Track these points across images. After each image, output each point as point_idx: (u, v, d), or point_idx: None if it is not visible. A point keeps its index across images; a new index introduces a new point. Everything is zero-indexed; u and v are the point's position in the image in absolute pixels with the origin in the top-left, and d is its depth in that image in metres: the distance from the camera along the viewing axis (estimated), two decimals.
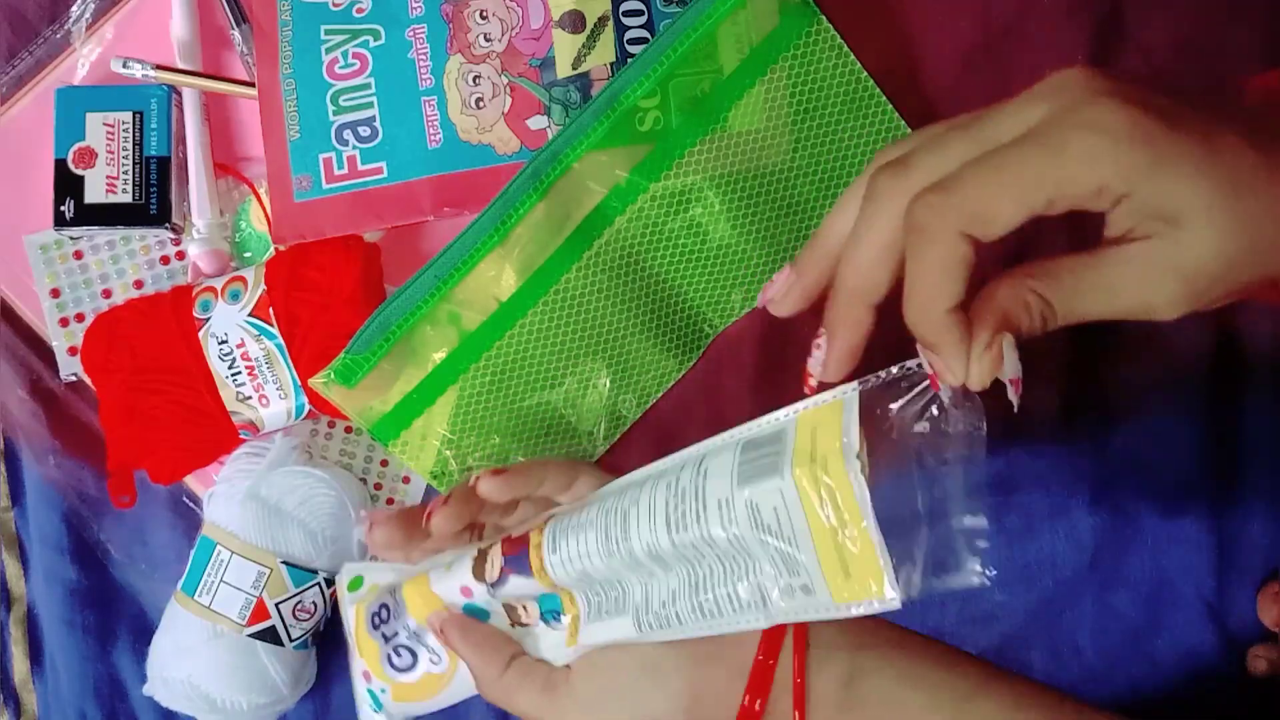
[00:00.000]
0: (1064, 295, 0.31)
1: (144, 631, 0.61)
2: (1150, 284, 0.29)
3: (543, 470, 0.42)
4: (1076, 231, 0.56)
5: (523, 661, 0.40)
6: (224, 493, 0.56)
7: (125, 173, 0.57)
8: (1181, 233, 0.28)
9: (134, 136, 0.58)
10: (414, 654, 0.43)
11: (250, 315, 0.55)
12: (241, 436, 0.57)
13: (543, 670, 0.40)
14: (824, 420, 0.33)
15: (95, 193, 0.57)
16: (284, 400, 0.55)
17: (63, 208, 0.57)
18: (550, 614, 0.40)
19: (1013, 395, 0.33)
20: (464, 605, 0.41)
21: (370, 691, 0.44)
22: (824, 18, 0.53)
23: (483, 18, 0.56)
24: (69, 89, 0.59)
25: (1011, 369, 0.32)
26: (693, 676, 0.36)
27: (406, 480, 0.60)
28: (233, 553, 0.55)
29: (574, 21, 0.55)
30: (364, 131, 0.56)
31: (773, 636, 0.35)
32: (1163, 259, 0.29)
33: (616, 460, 0.58)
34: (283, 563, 0.55)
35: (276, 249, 0.57)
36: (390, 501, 0.60)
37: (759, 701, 0.35)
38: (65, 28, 0.60)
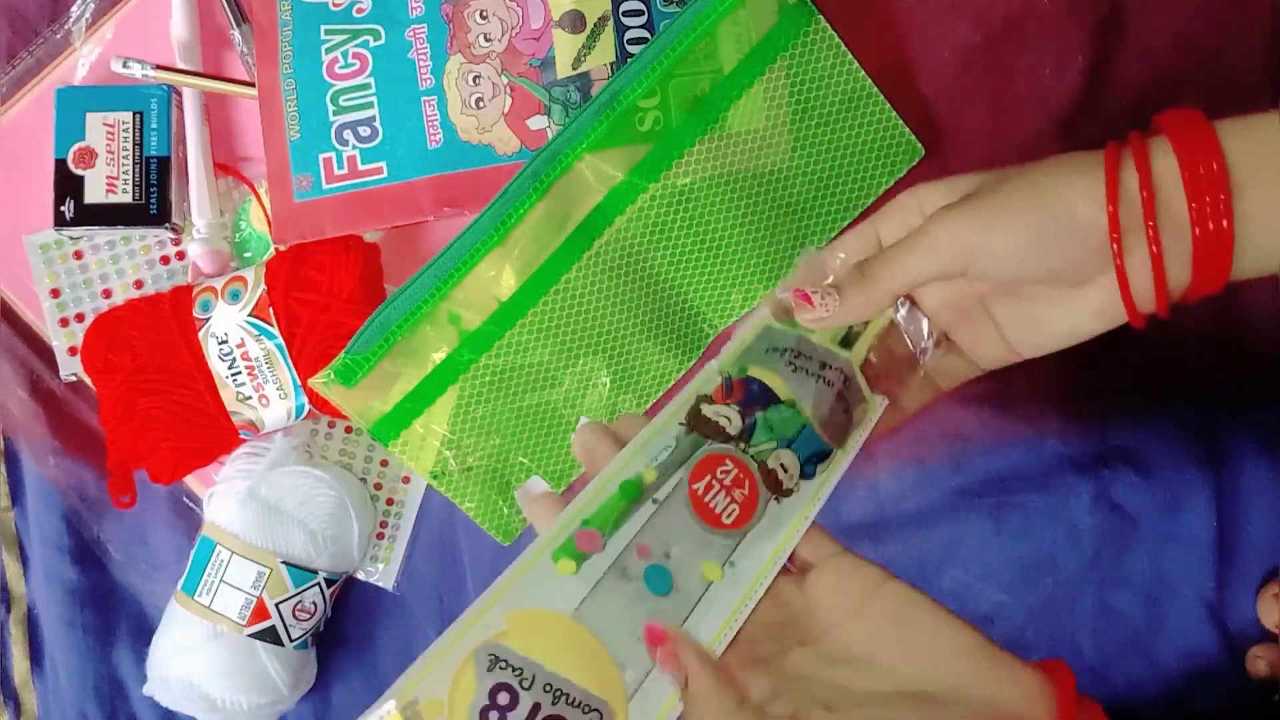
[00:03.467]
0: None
1: (144, 631, 0.61)
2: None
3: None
4: None
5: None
6: (224, 493, 0.56)
7: (125, 173, 0.57)
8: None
9: (134, 136, 0.58)
10: None
11: (250, 315, 0.55)
12: (241, 436, 0.57)
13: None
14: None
15: (95, 193, 0.57)
16: (284, 400, 0.55)
17: (63, 208, 0.57)
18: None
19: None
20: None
21: None
22: (821, 17, 0.53)
23: (483, 18, 0.56)
24: (69, 89, 0.59)
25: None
26: None
27: (406, 480, 0.60)
28: (233, 553, 0.55)
29: (574, 21, 0.55)
30: (364, 131, 0.56)
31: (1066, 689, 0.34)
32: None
33: None
34: (283, 563, 0.55)
35: (276, 249, 0.58)
36: (390, 502, 0.60)
37: None
38: (65, 28, 0.60)
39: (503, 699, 0.33)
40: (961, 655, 0.35)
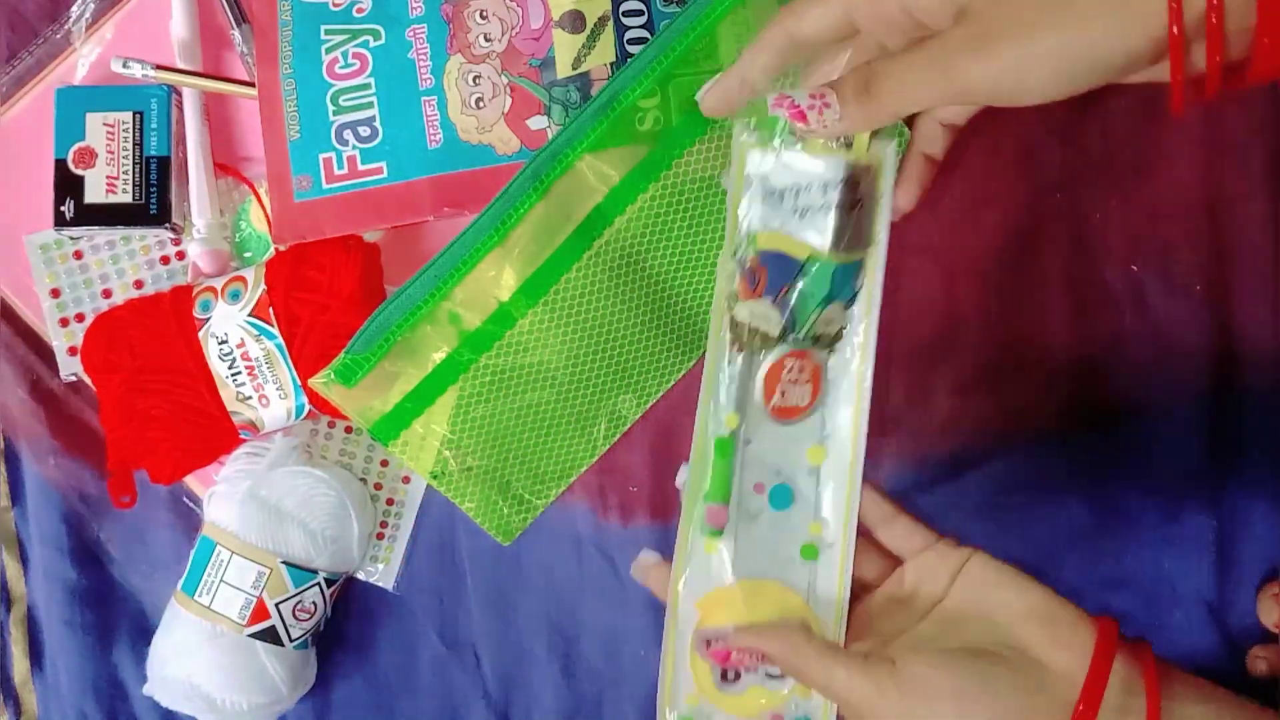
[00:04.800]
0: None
1: (144, 631, 0.61)
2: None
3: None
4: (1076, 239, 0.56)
5: (830, 640, 0.42)
6: (224, 493, 0.56)
7: (125, 173, 0.57)
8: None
9: (134, 136, 0.58)
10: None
11: (250, 315, 0.55)
12: (241, 436, 0.57)
13: (858, 653, 0.40)
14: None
15: (95, 193, 0.57)
16: (284, 400, 0.55)
17: (63, 208, 0.57)
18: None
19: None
20: None
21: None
22: None
23: (483, 18, 0.56)
24: (69, 89, 0.59)
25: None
26: (1025, 701, 0.37)
27: (406, 480, 0.60)
28: (233, 553, 0.55)
29: (574, 21, 0.55)
30: (364, 131, 0.56)
31: (1094, 687, 0.36)
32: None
33: (616, 460, 0.58)
34: (283, 563, 0.55)
35: (276, 249, 0.58)
36: (390, 502, 0.60)
37: None
38: (65, 28, 0.60)
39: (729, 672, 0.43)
40: (1029, 616, 0.39)
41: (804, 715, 0.43)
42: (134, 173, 0.57)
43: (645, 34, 0.55)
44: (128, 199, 0.57)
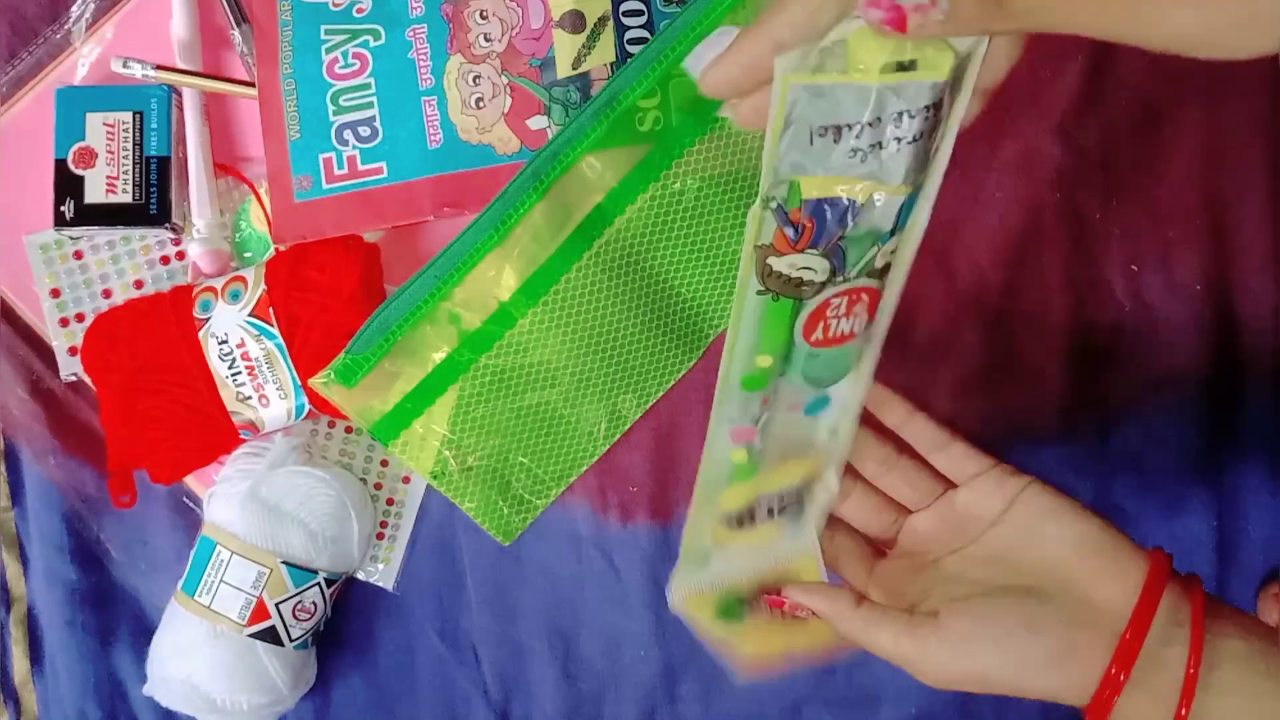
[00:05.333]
0: None
1: (144, 631, 0.61)
2: None
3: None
4: (1075, 230, 0.56)
5: (875, 604, 0.42)
6: (224, 493, 0.56)
7: (125, 173, 0.57)
8: None
9: (134, 136, 0.58)
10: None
11: (250, 315, 0.55)
12: (241, 436, 0.57)
13: (902, 610, 0.41)
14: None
15: (95, 193, 0.57)
16: (284, 400, 0.55)
17: (63, 208, 0.57)
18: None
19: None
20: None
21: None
22: None
23: (483, 18, 0.56)
24: (69, 89, 0.58)
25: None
26: (1067, 636, 0.38)
27: (406, 480, 0.60)
28: (233, 553, 0.55)
29: (574, 21, 0.55)
30: (364, 131, 0.56)
31: (1142, 616, 0.37)
32: None
33: (616, 460, 0.58)
34: (283, 563, 0.55)
35: (276, 249, 0.58)
36: (390, 502, 0.60)
37: (1123, 673, 0.36)
38: (65, 28, 0.60)
39: (744, 517, 0.45)
40: (1079, 548, 0.40)
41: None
42: (134, 173, 0.57)
43: (645, 34, 0.55)
44: (128, 199, 0.57)
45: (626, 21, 0.55)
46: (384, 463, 0.60)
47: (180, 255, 0.60)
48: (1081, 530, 0.40)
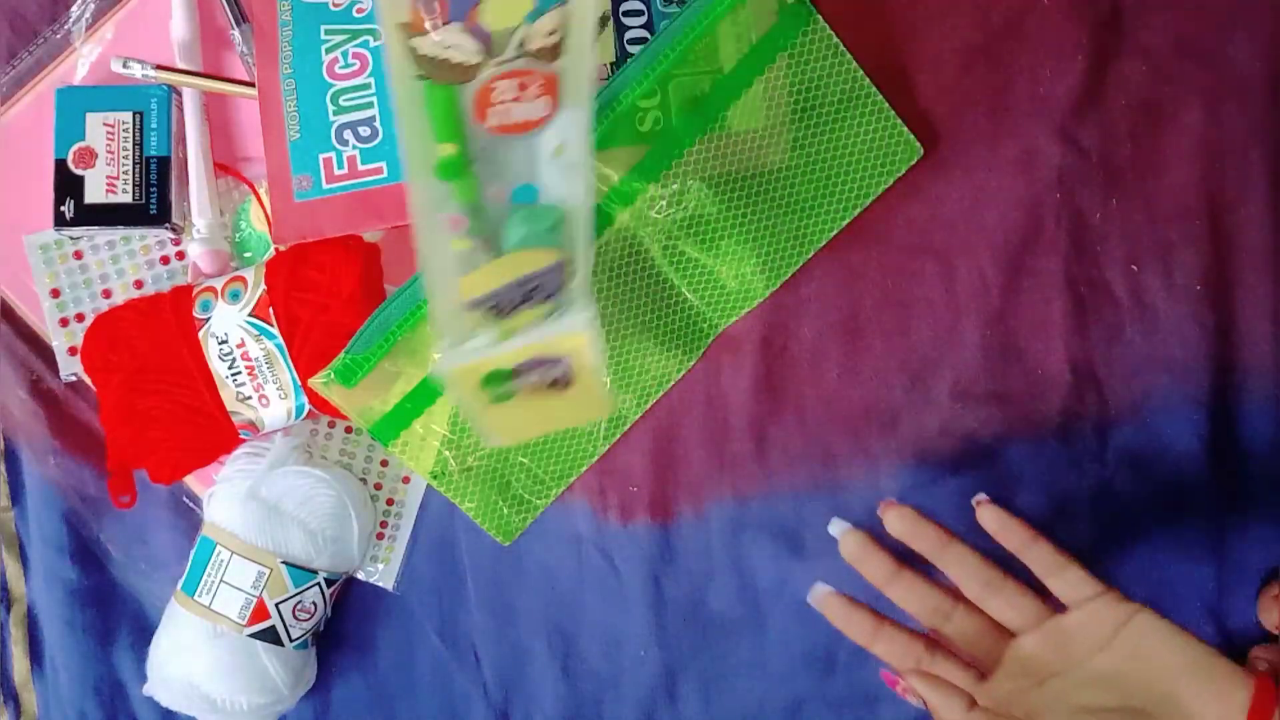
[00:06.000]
0: None
1: (144, 631, 0.61)
2: None
3: None
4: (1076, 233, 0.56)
5: (988, 710, 0.43)
6: (224, 493, 0.56)
7: (125, 173, 0.57)
8: None
9: (134, 136, 0.58)
10: None
11: (250, 315, 0.55)
12: (241, 436, 0.57)
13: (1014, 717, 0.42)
14: None
15: (95, 193, 0.57)
16: (284, 400, 0.55)
17: (63, 208, 0.57)
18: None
19: None
20: None
21: None
22: (820, 17, 0.53)
23: None
24: (69, 89, 0.59)
25: None
26: None
27: (406, 480, 0.60)
28: (233, 553, 0.55)
29: None
30: (364, 131, 0.56)
31: (1262, 709, 0.39)
32: None
33: (616, 460, 0.58)
34: (283, 563, 0.55)
35: (276, 249, 0.58)
36: (390, 502, 0.60)
37: None
38: (65, 28, 0.60)
39: (497, 304, 0.42)
40: (1186, 672, 0.41)
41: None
42: (134, 173, 0.57)
43: (645, 34, 0.55)
44: (128, 199, 0.57)
45: (626, 21, 0.55)
46: (384, 463, 0.60)
47: (180, 255, 0.60)
48: (1190, 655, 0.41)
